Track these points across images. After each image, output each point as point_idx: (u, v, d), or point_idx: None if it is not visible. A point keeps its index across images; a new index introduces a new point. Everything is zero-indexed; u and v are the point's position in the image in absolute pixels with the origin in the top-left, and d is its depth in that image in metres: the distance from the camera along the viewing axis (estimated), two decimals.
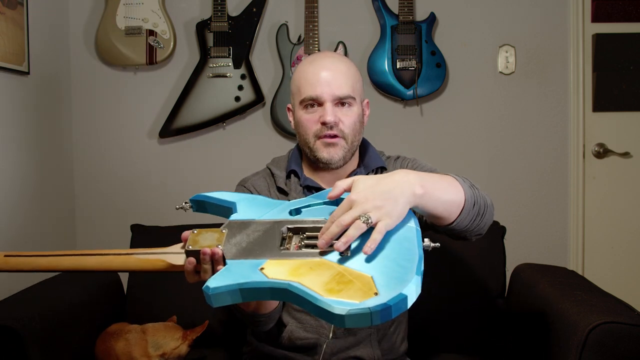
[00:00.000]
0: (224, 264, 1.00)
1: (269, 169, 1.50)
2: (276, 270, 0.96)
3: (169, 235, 1.93)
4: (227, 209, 1.14)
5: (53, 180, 2.48)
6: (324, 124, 1.35)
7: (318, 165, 1.41)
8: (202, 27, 2.55)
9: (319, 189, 1.41)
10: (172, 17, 2.55)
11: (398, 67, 2.51)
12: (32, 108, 2.30)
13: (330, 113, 1.34)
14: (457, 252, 1.85)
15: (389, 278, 0.91)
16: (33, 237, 2.29)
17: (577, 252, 2.63)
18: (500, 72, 2.61)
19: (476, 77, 2.62)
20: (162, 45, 2.53)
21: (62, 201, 2.56)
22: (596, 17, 2.58)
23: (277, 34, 2.57)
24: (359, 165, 1.47)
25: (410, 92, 2.53)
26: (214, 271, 1.00)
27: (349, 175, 1.43)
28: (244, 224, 1.07)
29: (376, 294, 0.88)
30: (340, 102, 1.36)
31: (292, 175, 1.45)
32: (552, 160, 2.63)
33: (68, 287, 1.71)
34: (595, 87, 2.59)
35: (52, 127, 2.49)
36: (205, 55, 2.55)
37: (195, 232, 1.05)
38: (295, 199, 1.34)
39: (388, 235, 0.98)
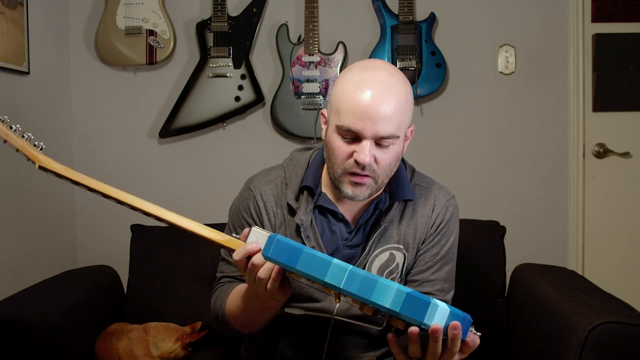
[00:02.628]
0: None
1: (285, 174, 1.36)
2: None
3: (169, 235, 1.95)
4: None
5: (53, 180, 2.48)
6: (357, 162, 1.20)
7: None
8: (202, 27, 2.55)
9: (332, 212, 1.31)
10: (172, 17, 2.55)
11: (398, 67, 2.51)
12: (32, 108, 2.30)
13: (367, 153, 1.18)
14: (457, 252, 1.85)
15: None
16: (33, 237, 2.29)
17: (577, 252, 2.63)
18: (500, 72, 2.61)
19: (476, 77, 2.62)
20: (162, 45, 2.53)
21: (62, 201, 2.56)
22: (596, 17, 2.58)
23: (277, 34, 2.57)
24: (384, 190, 1.32)
25: None
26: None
27: (372, 202, 1.32)
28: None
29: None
30: (381, 139, 1.19)
31: (305, 191, 1.32)
32: (552, 160, 2.63)
33: (68, 287, 1.71)
34: (595, 87, 2.59)
35: (52, 127, 2.49)
36: (205, 55, 2.55)
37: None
38: (304, 220, 1.29)
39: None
